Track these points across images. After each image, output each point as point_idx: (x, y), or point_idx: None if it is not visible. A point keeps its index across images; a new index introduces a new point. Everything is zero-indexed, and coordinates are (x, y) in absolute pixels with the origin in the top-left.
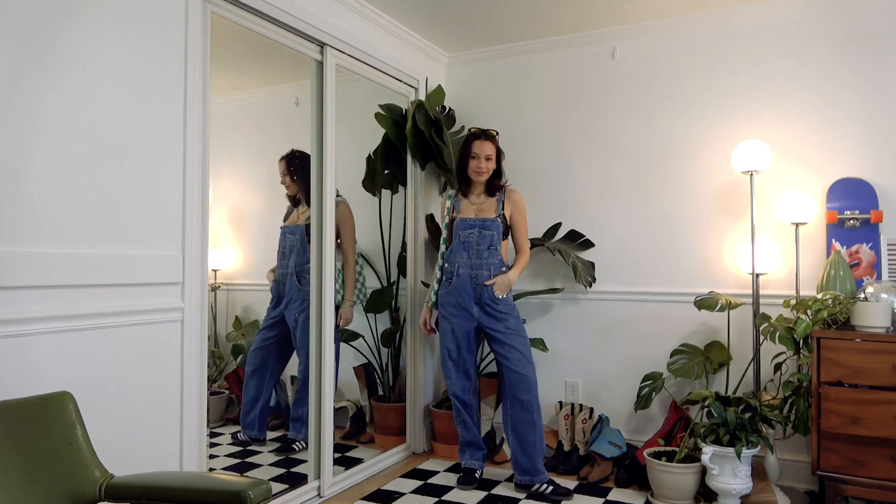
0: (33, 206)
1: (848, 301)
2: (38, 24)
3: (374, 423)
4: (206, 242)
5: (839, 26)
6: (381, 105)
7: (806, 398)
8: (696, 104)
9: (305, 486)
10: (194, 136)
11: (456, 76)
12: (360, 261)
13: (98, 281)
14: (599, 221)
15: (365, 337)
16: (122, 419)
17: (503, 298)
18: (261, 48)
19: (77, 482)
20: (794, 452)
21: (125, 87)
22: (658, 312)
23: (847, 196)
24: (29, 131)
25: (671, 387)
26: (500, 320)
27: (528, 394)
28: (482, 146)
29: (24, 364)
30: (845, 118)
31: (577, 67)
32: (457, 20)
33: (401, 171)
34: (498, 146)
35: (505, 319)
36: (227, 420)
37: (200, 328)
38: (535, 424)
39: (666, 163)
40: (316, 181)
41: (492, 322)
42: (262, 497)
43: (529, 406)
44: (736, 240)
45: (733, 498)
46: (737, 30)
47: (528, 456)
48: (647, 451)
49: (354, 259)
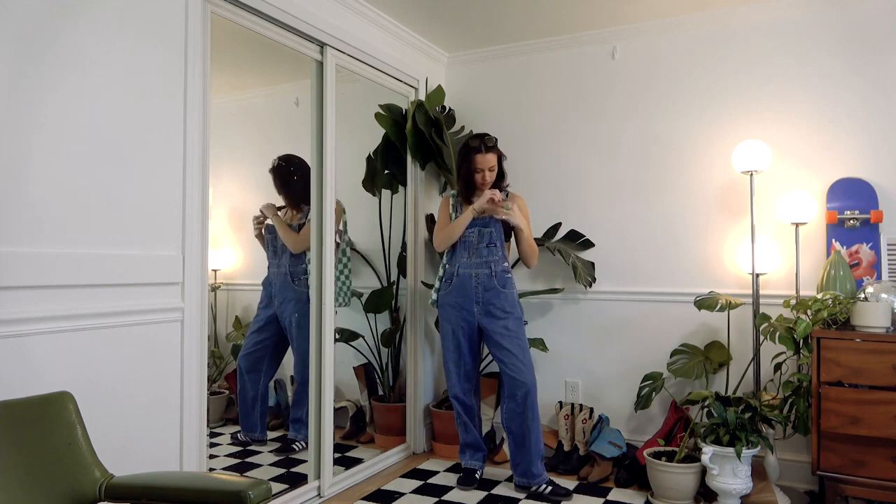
0: (33, 206)
1: (848, 301)
2: (39, 24)
3: (374, 423)
4: (206, 242)
5: (839, 26)
6: (381, 105)
7: (806, 398)
8: (696, 104)
9: (305, 486)
10: (194, 136)
11: (456, 76)
12: (347, 259)
13: (98, 281)
14: (599, 221)
15: (365, 337)
16: (122, 419)
17: (506, 296)
18: (261, 48)
19: (77, 482)
20: (794, 452)
21: (125, 87)
22: (658, 312)
23: (847, 196)
24: (29, 131)
25: (671, 387)
26: (498, 319)
27: (525, 398)
28: (484, 159)
29: (24, 364)
30: (845, 118)
31: (577, 67)
32: (457, 20)
33: (401, 171)
34: (499, 152)
35: (504, 319)
36: (227, 420)
37: (200, 328)
38: (531, 428)
39: (666, 163)
40: (316, 181)
41: (491, 322)
42: (262, 497)
43: (526, 410)
44: (736, 240)
45: (733, 498)
46: (737, 30)
47: (526, 458)
48: (647, 451)
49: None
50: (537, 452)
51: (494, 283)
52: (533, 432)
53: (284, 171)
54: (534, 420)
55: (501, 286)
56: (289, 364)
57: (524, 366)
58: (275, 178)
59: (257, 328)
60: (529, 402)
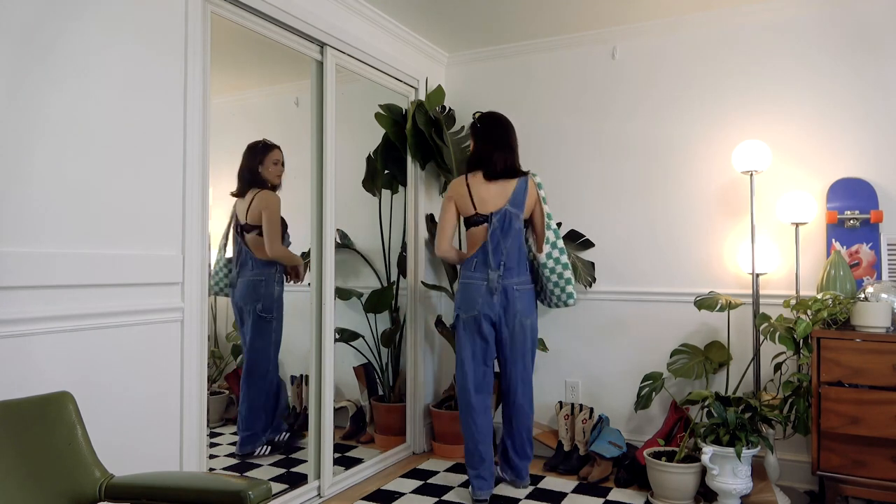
0: (33, 206)
1: (848, 301)
2: (39, 24)
3: (374, 423)
4: (206, 242)
5: (839, 26)
6: (381, 105)
7: (806, 398)
8: (696, 104)
9: (305, 486)
10: (194, 136)
11: (456, 76)
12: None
13: (98, 281)
14: (599, 221)
15: (365, 337)
16: (122, 419)
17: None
18: (261, 48)
19: (77, 482)
20: (794, 452)
21: (125, 87)
22: (658, 312)
23: (847, 196)
24: (29, 131)
25: (671, 387)
26: (510, 314)
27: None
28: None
29: (25, 364)
30: (845, 118)
31: (577, 67)
32: (457, 20)
33: (401, 171)
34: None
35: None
36: (227, 420)
37: (200, 328)
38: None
39: (666, 163)
40: (316, 181)
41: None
42: (262, 497)
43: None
44: (736, 240)
45: (733, 498)
46: (737, 30)
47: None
48: (647, 451)
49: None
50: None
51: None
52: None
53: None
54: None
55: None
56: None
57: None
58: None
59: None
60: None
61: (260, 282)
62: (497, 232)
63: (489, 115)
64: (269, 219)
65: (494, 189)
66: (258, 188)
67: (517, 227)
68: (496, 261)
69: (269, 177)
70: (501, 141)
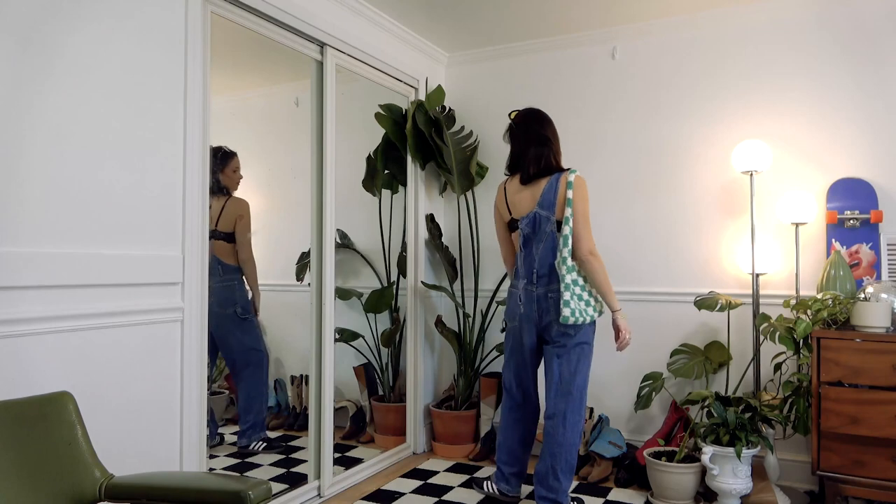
0: (33, 206)
1: (848, 301)
2: (38, 24)
3: (374, 422)
4: (206, 242)
5: (839, 26)
6: (381, 105)
7: (806, 398)
8: (696, 103)
9: (305, 486)
10: (194, 136)
11: (456, 76)
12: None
13: (98, 281)
14: (599, 221)
15: (365, 337)
16: (122, 419)
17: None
18: (260, 48)
19: (77, 482)
20: (794, 452)
21: (125, 87)
22: (658, 312)
23: (847, 196)
24: (29, 131)
25: (671, 387)
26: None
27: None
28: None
29: (25, 364)
30: (845, 118)
31: (577, 67)
32: (457, 20)
33: (401, 171)
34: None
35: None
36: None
37: (200, 328)
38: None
39: (666, 162)
40: (316, 181)
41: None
42: (262, 497)
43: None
44: (736, 240)
45: (733, 498)
46: (737, 30)
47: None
48: (647, 451)
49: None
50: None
51: None
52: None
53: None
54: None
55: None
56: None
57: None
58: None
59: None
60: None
61: (232, 285)
62: (528, 237)
63: (522, 112)
64: (245, 225)
65: (527, 191)
66: (224, 195)
67: (548, 231)
68: (527, 269)
69: (229, 184)
70: (535, 137)
